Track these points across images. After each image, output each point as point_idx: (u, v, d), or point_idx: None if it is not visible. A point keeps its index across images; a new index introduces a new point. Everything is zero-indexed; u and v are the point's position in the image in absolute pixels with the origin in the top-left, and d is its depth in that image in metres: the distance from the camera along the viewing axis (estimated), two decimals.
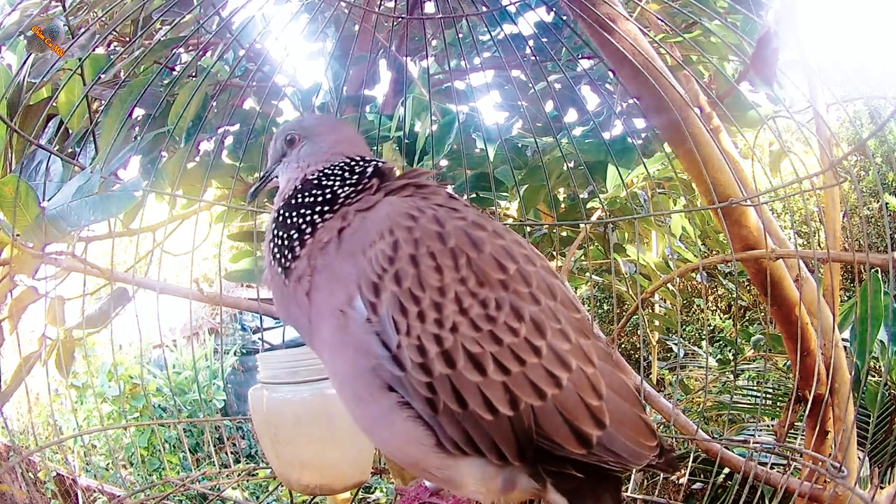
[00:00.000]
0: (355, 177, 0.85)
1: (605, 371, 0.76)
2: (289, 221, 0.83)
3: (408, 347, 0.70)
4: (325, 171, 0.86)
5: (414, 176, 0.87)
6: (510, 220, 2.40)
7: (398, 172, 0.89)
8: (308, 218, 0.82)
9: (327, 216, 0.81)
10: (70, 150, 1.50)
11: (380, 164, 0.87)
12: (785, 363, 2.94)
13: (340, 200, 0.82)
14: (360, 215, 0.79)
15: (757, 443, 1.41)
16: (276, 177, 0.94)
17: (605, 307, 4.84)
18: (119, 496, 1.37)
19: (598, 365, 0.76)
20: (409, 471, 0.79)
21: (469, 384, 0.70)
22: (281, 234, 0.83)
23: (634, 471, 0.79)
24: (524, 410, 0.70)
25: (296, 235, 0.81)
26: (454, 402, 0.70)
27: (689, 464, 1.44)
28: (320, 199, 0.83)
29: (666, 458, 0.78)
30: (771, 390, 3.14)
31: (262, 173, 0.98)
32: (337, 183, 0.84)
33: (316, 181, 0.85)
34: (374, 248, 0.73)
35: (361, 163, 0.87)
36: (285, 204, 0.85)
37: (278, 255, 0.82)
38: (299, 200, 0.84)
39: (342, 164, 0.87)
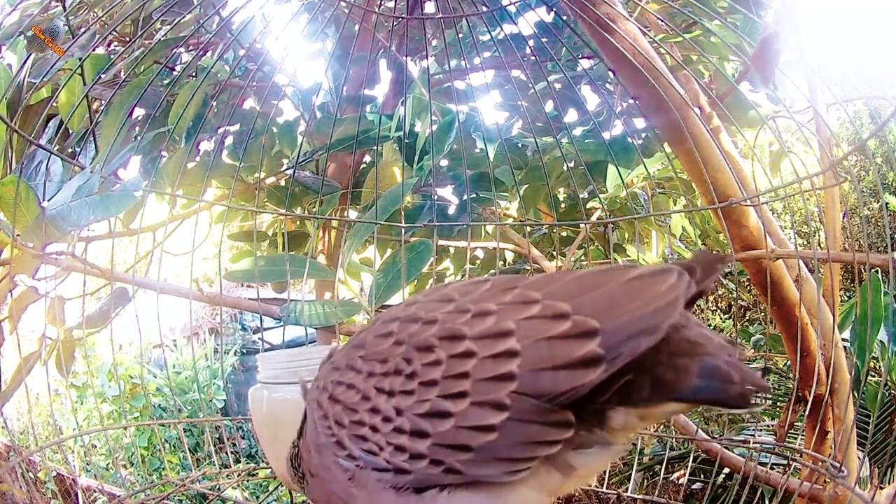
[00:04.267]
0: None
1: (555, 292, 0.66)
2: None
3: (392, 456, 0.69)
4: None
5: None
6: (510, 221, 2.41)
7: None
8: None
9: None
10: (70, 150, 1.50)
11: None
12: (785, 363, 2.94)
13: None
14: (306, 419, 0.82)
15: (757, 443, 1.41)
16: None
17: None
18: (119, 496, 1.37)
19: (544, 294, 0.66)
20: None
21: (451, 432, 0.66)
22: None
23: (644, 439, 0.71)
24: (513, 401, 0.63)
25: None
26: (460, 453, 0.66)
27: (689, 464, 1.43)
28: None
29: (704, 270, 0.65)
30: (771, 390, 3.14)
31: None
32: None
33: None
34: (317, 423, 0.76)
35: None
36: None
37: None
38: None
39: None
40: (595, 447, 0.67)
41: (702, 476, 3.05)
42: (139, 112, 1.87)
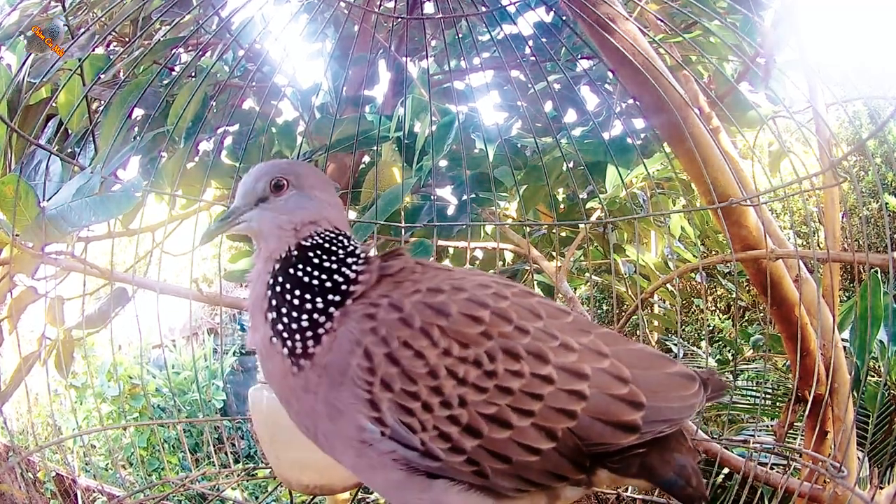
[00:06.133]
0: (353, 269, 0.78)
1: (620, 354, 0.76)
2: (295, 301, 0.76)
3: (431, 440, 0.70)
4: (319, 241, 0.79)
5: (382, 264, 0.81)
6: (510, 221, 2.41)
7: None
8: (321, 306, 0.75)
9: (333, 311, 0.75)
10: (70, 150, 1.50)
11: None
12: (784, 363, 2.94)
13: (345, 290, 0.76)
14: (331, 337, 0.74)
15: (757, 443, 1.41)
16: (248, 222, 0.82)
17: (605, 307, 4.84)
18: (118, 496, 1.37)
19: (612, 352, 0.75)
20: None
21: (503, 442, 0.70)
22: (287, 311, 0.76)
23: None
24: (563, 436, 0.71)
25: (306, 323, 0.75)
26: (499, 462, 0.70)
27: None
28: (328, 284, 0.76)
29: (713, 388, 0.79)
30: (770, 390, 3.14)
31: (227, 210, 0.84)
32: (337, 267, 0.77)
33: (313, 254, 0.78)
34: (352, 368, 0.71)
35: (352, 248, 0.80)
36: (283, 271, 0.78)
37: (286, 337, 0.75)
38: (301, 276, 0.77)
39: (336, 240, 0.80)
40: (583, 486, 0.76)
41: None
42: (138, 112, 1.86)
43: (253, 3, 1.34)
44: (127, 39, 1.92)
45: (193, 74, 1.99)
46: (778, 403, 3.08)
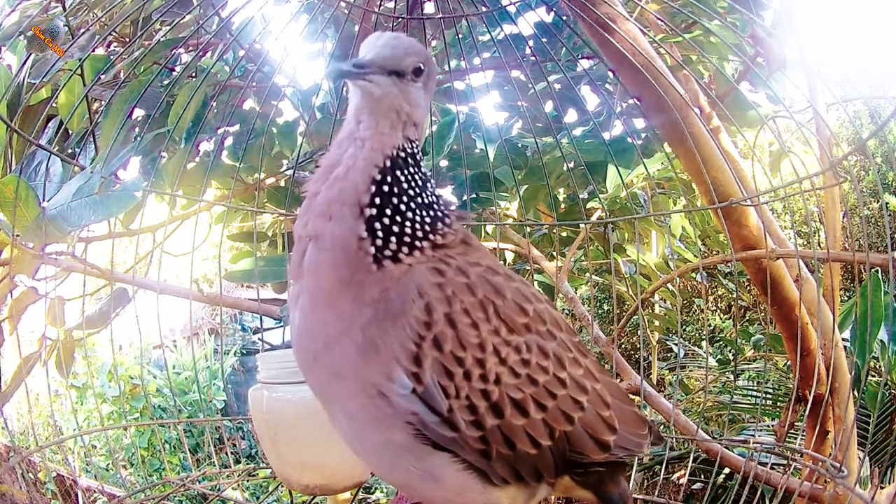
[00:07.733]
0: (445, 222, 0.78)
1: (605, 382, 0.84)
2: (402, 206, 0.73)
3: (459, 409, 0.71)
4: (413, 151, 0.77)
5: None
6: (510, 221, 2.41)
7: None
8: (419, 230, 0.74)
9: (418, 244, 0.75)
10: (70, 151, 1.50)
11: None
12: (785, 363, 2.93)
13: (431, 236, 0.76)
14: (402, 269, 0.72)
15: (757, 443, 1.41)
16: (376, 84, 0.73)
17: (605, 307, 4.84)
18: (119, 496, 1.37)
19: (601, 378, 0.83)
20: None
21: (516, 428, 0.74)
22: (391, 213, 0.72)
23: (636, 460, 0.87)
24: (559, 438, 0.77)
25: (409, 232, 0.73)
26: (504, 447, 0.74)
27: (690, 464, 1.43)
28: (427, 220, 0.76)
29: (654, 436, 0.89)
30: (771, 390, 3.14)
31: (355, 61, 0.73)
32: (428, 201, 0.77)
33: (409, 171, 0.75)
34: (408, 316, 0.70)
35: (437, 198, 0.80)
36: (392, 170, 0.73)
37: (381, 238, 0.71)
38: (407, 188, 0.75)
39: (425, 175, 0.79)
40: (549, 487, 0.82)
41: (702, 476, 3.05)
42: (139, 112, 1.87)
43: (253, 3, 1.34)
44: (127, 40, 1.92)
45: (194, 74, 2.00)
46: (778, 403, 3.08)
